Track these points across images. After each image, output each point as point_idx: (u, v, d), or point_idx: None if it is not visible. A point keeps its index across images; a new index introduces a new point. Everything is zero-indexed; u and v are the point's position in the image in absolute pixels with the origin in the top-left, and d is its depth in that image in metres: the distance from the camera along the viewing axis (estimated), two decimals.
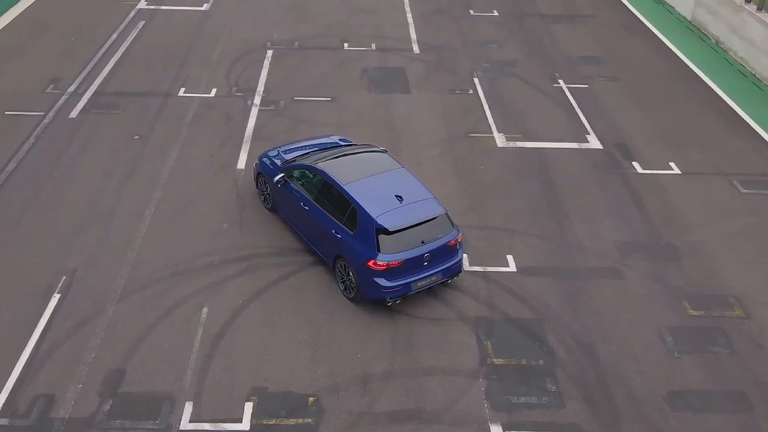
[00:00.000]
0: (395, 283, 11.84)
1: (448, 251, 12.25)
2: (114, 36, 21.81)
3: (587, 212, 14.98)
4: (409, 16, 24.31)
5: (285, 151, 14.59)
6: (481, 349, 11.67)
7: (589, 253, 13.86)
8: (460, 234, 12.47)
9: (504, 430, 10.36)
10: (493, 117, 18.31)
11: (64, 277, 12.72)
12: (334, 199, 12.59)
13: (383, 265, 11.71)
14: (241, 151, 16.44)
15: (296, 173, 13.58)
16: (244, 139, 16.90)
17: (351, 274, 12.16)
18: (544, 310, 12.49)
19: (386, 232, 11.81)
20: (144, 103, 18.28)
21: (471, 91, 19.54)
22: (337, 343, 11.68)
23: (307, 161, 13.62)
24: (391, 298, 11.94)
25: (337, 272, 12.58)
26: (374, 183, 12.64)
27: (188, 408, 10.49)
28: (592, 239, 14.21)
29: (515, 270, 13.32)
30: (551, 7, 25.63)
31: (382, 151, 13.80)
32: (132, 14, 23.41)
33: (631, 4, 26.19)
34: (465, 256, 13.46)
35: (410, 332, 11.95)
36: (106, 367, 11.09)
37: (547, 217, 14.81)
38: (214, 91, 19.01)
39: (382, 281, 11.79)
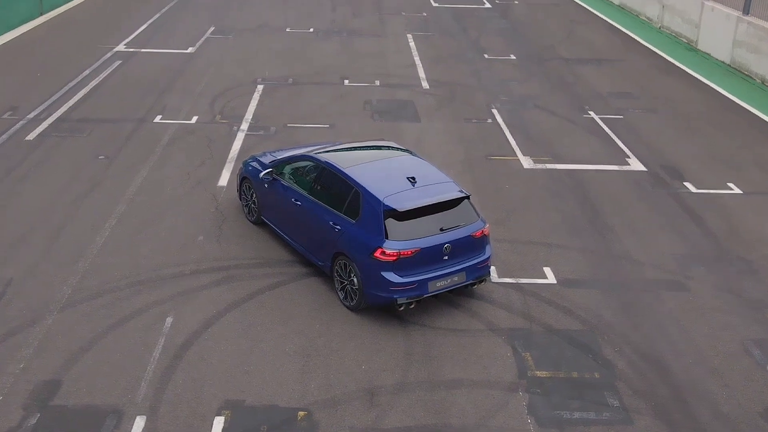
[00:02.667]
0: (408, 280, 10.15)
1: (474, 245, 10.62)
2: (86, 72, 20.91)
3: (636, 227, 13.45)
4: (417, 59, 23.53)
5: (278, 157, 13.14)
6: (518, 361, 9.88)
7: (644, 265, 12.24)
8: (488, 225, 10.91)
9: None
10: (516, 142, 17.06)
11: None
12: (333, 187, 11.10)
13: (393, 255, 10.06)
14: (224, 170, 15.07)
15: (287, 169, 12.16)
16: (228, 159, 15.57)
17: (353, 274, 10.49)
18: (596, 322, 10.76)
19: (395, 214, 10.24)
20: (114, 128, 17.07)
21: (490, 120, 18.39)
22: (334, 354, 9.89)
23: (300, 154, 12.24)
24: (408, 298, 10.19)
25: (336, 276, 10.91)
26: (381, 167, 11.22)
27: (139, 422, 8.64)
28: (644, 252, 12.62)
29: (555, 282, 11.68)
30: (574, 52, 24.93)
31: (390, 146, 12.46)
32: (108, 55, 22.65)
33: (662, 51, 25.51)
34: (493, 268, 11.83)
35: (427, 343, 10.18)
36: (37, 378, 9.30)
37: (589, 231, 13.28)
38: (195, 118, 17.85)
39: (392, 276, 10.10)
